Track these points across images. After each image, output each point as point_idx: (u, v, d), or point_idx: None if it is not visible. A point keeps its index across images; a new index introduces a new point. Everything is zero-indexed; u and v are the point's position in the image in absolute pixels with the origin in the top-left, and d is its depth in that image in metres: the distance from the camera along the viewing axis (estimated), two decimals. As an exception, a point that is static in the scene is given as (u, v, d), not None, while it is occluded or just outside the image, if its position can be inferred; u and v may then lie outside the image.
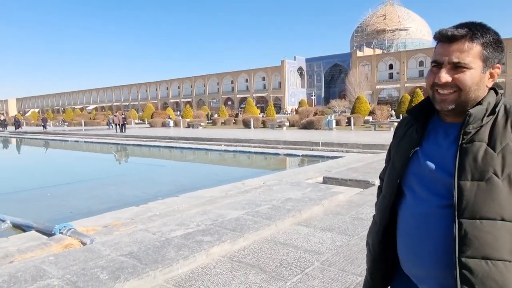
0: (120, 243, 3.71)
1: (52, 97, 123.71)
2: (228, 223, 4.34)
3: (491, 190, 0.97)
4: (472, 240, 0.96)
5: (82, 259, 3.28)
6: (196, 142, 18.54)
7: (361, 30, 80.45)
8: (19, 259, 3.67)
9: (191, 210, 5.32)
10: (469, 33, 1.03)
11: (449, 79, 1.04)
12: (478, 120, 1.02)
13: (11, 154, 22.31)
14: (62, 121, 52.78)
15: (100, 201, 7.63)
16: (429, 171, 1.09)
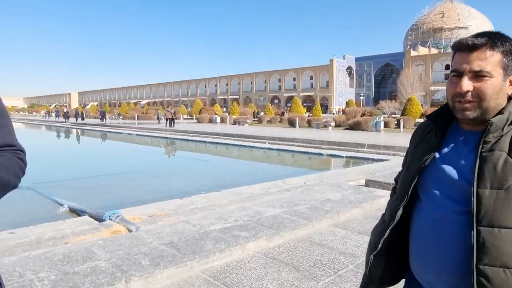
0: (162, 232, 3.92)
1: (110, 91, 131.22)
2: (266, 220, 4.41)
3: (510, 199, 0.97)
4: (490, 248, 0.97)
5: (127, 245, 3.52)
6: (240, 139, 18.84)
7: (416, 28, 76.85)
8: (73, 241, 4.02)
9: (231, 206, 5.47)
10: (489, 41, 1.03)
11: (471, 87, 1.04)
12: (499, 129, 1.02)
13: (71, 144, 24.07)
14: (118, 114, 55.90)
15: (147, 192, 8.05)
16: (447, 177, 1.09)
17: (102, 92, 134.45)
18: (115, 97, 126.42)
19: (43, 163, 13.29)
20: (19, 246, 3.87)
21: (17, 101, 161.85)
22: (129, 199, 7.18)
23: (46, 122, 47.41)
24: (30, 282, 2.73)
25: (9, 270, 2.95)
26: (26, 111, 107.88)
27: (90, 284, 2.69)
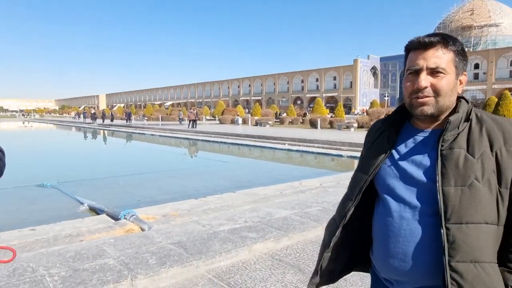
0: (172, 232, 3.99)
1: (136, 93, 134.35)
2: (275, 221, 4.41)
3: (474, 194, 1.00)
4: (461, 244, 0.99)
5: (137, 244, 3.60)
6: (261, 140, 18.87)
7: (443, 27, 74.57)
8: (88, 238, 4.15)
9: (243, 207, 5.50)
10: (442, 40, 1.07)
11: (429, 83, 1.07)
12: (455, 127, 1.07)
13: (96, 144, 24.80)
14: (142, 115, 57.13)
15: (165, 192, 8.21)
16: (410, 177, 1.11)
17: (129, 94, 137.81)
18: (141, 98, 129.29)
19: (68, 163, 13.79)
20: (38, 242, 4.03)
21: (49, 103, 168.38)
22: (148, 199, 7.34)
23: (74, 123, 49.07)
24: (41, 277, 2.85)
25: (24, 265, 3.08)
26: (57, 112, 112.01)
27: (97, 281, 2.78)
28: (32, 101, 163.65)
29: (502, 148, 1.03)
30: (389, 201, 1.14)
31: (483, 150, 1.03)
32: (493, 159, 1.02)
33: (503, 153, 1.02)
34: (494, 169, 1.02)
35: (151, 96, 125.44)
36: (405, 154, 1.14)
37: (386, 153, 1.17)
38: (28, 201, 7.60)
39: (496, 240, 1.03)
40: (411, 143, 1.15)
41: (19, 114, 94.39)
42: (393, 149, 1.17)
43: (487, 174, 1.01)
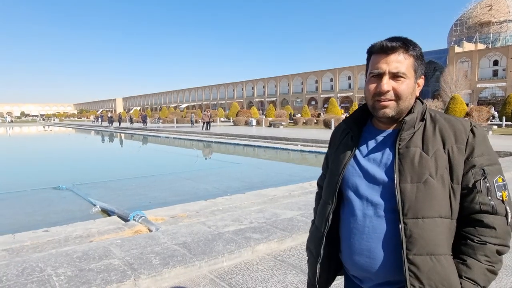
0: (178, 233, 4.05)
1: (152, 96, 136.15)
2: (280, 222, 4.43)
3: (429, 190, 1.06)
4: (417, 238, 1.04)
5: (143, 244, 3.68)
6: (274, 141, 18.88)
7: (461, 23, 72.95)
8: (97, 239, 4.25)
9: (251, 208, 5.53)
10: (403, 45, 1.11)
11: (391, 87, 1.10)
12: (411, 127, 1.11)
13: (112, 147, 25.25)
14: (158, 118, 57.90)
15: (176, 193, 8.31)
16: (371, 176, 1.15)
17: (145, 97, 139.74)
18: (157, 101, 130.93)
19: (84, 166, 14.11)
20: (49, 243, 4.16)
21: (68, 107, 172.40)
22: (159, 200, 7.46)
23: (91, 126, 50.06)
24: (48, 277, 2.94)
25: (33, 265, 3.19)
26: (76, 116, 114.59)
27: (101, 281, 2.85)
28: (52, 105, 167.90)
29: (453, 146, 1.08)
30: (353, 199, 1.18)
31: (436, 148, 1.08)
32: (445, 157, 1.08)
33: (454, 151, 1.08)
34: (447, 166, 1.07)
35: (166, 99, 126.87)
36: (367, 153, 1.18)
37: (351, 153, 1.21)
38: (44, 203, 7.82)
39: (450, 233, 1.08)
40: (372, 143, 1.19)
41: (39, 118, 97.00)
42: (356, 149, 1.21)
43: (440, 170, 1.07)
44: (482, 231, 1.05)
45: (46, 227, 4.95)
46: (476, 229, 1.06)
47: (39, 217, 6.58)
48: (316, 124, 34.10)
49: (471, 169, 1.08)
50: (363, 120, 1.25)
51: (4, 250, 3.85)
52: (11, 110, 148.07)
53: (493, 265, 1.05)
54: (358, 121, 1.25)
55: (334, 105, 42.63)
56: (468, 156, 1.08)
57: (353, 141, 1.22)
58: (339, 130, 1.33)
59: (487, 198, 1.05)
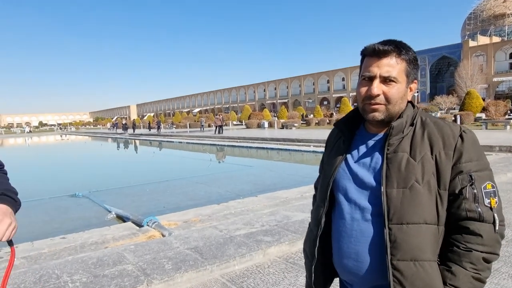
0: (190, 237, 4.10)
1: (165, 102, 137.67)
2: (292, 225, 4.43)
3: (414, 196, 1.05)
4: (401, 244, 1.04)
5: (156, 250, 3.73)
6: (286, 143, 18.87)
7: (474, 17, 71.56)
8: (112, 245, 4.33)
9: (262, 211, 5.54)
10: (396, 49, 1.10)
11: (381, 91, 1.10)
12: (399, 132, 1.11)
13: (127, 154, 25.62)
14: (171, 123, 58.46)
15: (190, 198, 8.39)
16: (360, 179, 1.15)
17: (158, 103, 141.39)
18: (170, 107, 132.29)
19: (99, 173, 14.37)
20: (66, 250, 4.26)
21: (84, 115, 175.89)
22: (173, 205, 7.54)
23: (106, 134, 50.89)
24: (64, 284, 3.02)
25: (49, 272, 3.27)
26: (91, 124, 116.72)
27: (115, 287, 2.91)
28: (69, 114, 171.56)
29: (441, 151, 1.07)
30: (343, 202, 1.18)
31: (424, 153, 1.07)
32: (433, 162, 1.07)
33: (442, 157, 1.07)
34: (434, 171, 1.06)
35: (179, 104, 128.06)
36: (358, 157, 1.19)
37: (342, 156, 1.22)
38: (61, 210, 8.00)
39: (436, 239, 1.07)
40: (363, 147, 1.19)
41: (57, 127, 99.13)
42: (348, 153, 1.22)
43: (427, 176, 1.06)
44: (468, 238, 1.04)
45: (63, 234, 5.07)
46: (462, 236, 1.05)
47: (57, 225, 6.74)
48: (329, 124, 33.92)
49: (458, 175, 1.06)
50: (356, 123, 1.25)
51: (23, 257, 3.96)
52: (29, 120, 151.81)
53: (479, 273, 1.03)
54: (351, 124, 1.25)
55: (347, 105, 42.39)
56: (456, 162, 1.07)
57: (344, 145, 1.23)
58: (334, 133, 1.35)
59: (474, 205, 1.04)
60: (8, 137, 61.25)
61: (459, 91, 47.86)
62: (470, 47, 61.78)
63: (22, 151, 33.53)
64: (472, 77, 50.04)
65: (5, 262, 3.79)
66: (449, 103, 40.39)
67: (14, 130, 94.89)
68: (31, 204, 8.22)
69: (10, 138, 57.71)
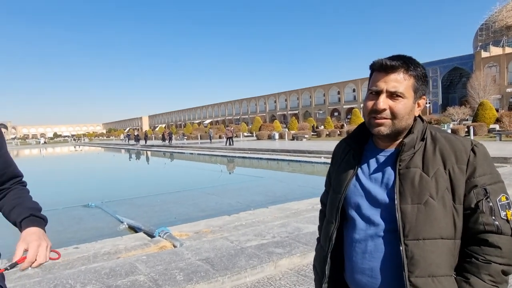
0: (201, 248, 4.12)
1: (176, 113, 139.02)
2: (303, 236, 4.41)
3: (429, 211, 1.05)
4: (419, 260, 1.04)
5: (167, 260, 3.75)
6: (296, 155, 18.82)
7: (486, 28, 71.06)
8: (124, 255, 4.37)
9: (273, 222, 5.54)
10: (404, 65, 1.10)
11: (387, 106, 1.11)
12: (411, 147, 1.11)
13: (138, 165, 25.88)
14: (182, 134, 58.89)
15: (201, 209, 8.41)
16: (372, 196, 1.15)
17: (169, 115, 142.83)
18: (181, 118, 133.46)
19: (112, 183, 14.53)
20: (79, 260, 4.31)
21: (97, 127, 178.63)
22: (184, 216, 7.58)
23: (118, 145, 51.47)
24: (78, 293, 3.06)
25: (63, 282, 3.32)
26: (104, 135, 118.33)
27: (127, 296, 2.94)
28: (82, 125, 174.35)
29: (454, 166, 1.08)
30: (356, 219, 1.18)
31: (436, 168, 1.08)
32: (446, 177, 1.07)
33: (455, 171, 1.07)
34: (448, 186, 1.07)
35: (190, 115, 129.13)
36: (369, 173, 1.19)
37: (353, 172, 1.22)
38: (75, 220, 8.09)
39: (452, 254, 1.07)
40: (373, 162, 1.19)
41: (71, 139, 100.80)
42: (358, 168, 1.22)
43: (441, 191, 1.06)
44: (486, 250, 1.04)
45: (77, 244, 5.13)
46: (481, 248, 1.05)
47: (70, 234, 6.81)
48: (340, 136, 33.76)
49: (473, 189, 1.06)
50: (364, 138, 1.25)
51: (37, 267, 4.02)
52: (44, 131, 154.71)
53: (497, 285, 1.03)
54: (359, 139, 1.25)
55: (358, 116, 42.15)
56: (470, 176, 1.07)
57: (354, 160, 1.23)
58: (341, 148, 1.34)
59: (491, 218, 1.04)
60: (24, 148, 62.43)
61: (471, 102, 47.28)
62: (483, 58, 61.22)
63: (37, 161, 34.12)
64: (485, 88, 49.45)
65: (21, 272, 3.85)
66: (461, 114, 39.87)
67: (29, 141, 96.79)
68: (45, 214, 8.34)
69: (25, 149, 58.81)
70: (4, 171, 1.33)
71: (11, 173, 1.36)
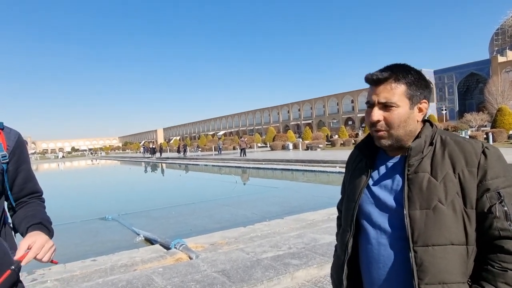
0: (217, 260, 4.10)
1: (190, 125, 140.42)
2: (320, 247, 4.36)
3: (438, 217, 1.03)
4: (428, 266, 1.02)
5: (183, 272, 3.75)
6: (311, 164, 18.72)
7: (502, 32, 69.93)
8: (140, 268, 4.39)
9: (289, 233, 5.49)
10: (392, 75, 1.10)
11: (381, 117, 1.11)
12: (419, 152, 1.10)
13: (154, 177, 26.13)
14: (197, 146, 59.37)
15: (216, 221, 8.40)
16: (382, 203, 1.14)
17: (184, 127, 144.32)
18: (195, 130, 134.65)
19: (128, 196, 14.69)
20: (96, 272, 4.34)
21: (114, 140, 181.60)
22: (199, 228, 7.58)
23: (134, 158, 52.16)
24: (95, 305, 3.07)
25: (81, 294, 3.34)
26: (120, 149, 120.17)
27: (144, 309, 2.94)
28: (99, 139, 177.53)
29: (464, 169, 1.05)
30: (368, 227, 1.17)
31: (445, 172, 1.05)
32: (456, 181, 1.04)
33: (465, 175, 1.04)
34: (458, 190, 1.04)
35: (204, 127, 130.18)
36: (379, 180, 1.18)
37: (365, 179, 1.21)
38: (92, 233, 8.18)
39: (464, 260, 1.04)
40: (383, 169, 1.19)
41: (88, 152, 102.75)
42: (370, 175, 1.21)
43: (450, 196, 1.03)
44: (502, 258, 1.00)
45: (94, 256, 5.18)
46: (496, 255, 1.01)
47: (88, 247, 6.89)
48: (355, 145, 33.49)
49: (485, 193, 1.03)
50: (376, 146, 1.24)
51: (56, 280, 4.07)
52: (62, 146, 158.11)
53: None
54: (371, 147, 1.24)
55: (372, 124, 41.76)
56: (481, 180, 1.04)
57: (366, 168, 1.22)
58: (354, 155, 1.34)
59: (506, 223, 1.00)
60: (43, 162, 63.87)
61: (489, 108, 46.32)
62: (499, 62, 60.16)
63: (55, 175, 34.84)
64: (503, 93, 48.42)
65: (40, 284, 3.90)
66: (479, 120, 39.11)
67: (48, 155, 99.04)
68: (64, 227, 8.47)
69: (44, 163, 60.15)
70: (24, 186, 1.36)
71: (30, 188, 1.39)
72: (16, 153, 1.32)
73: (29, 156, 1.45)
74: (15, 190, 1.34)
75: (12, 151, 1.31)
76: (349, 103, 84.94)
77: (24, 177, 1.36)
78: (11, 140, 1.32)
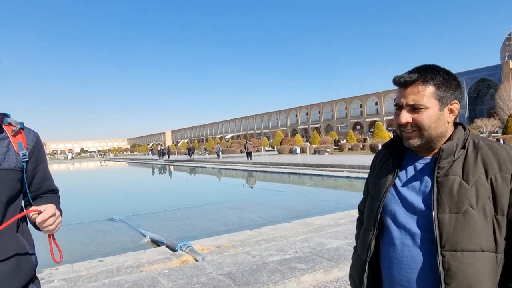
0: (223, 263, 4.09)
1: (198, 128, 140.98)
2: (326, 252, 4.32)
3: (468, 222, 1.00)
4: (456, 272, 0.99)
5: (189, 275, 3.75)
6: (318, 169, 18.64)
7: (514, 37, 69.23)
8: (146, 269, 4.40)
9: (296, 237, 5.46)
10: (420, 77, 1.09)
11: (410, 119, 1.10)
12: (450, 155, 1.08)
13: (162, 179, 26.25)
14: (204, 149, 59.55)
15: (222, 223, 8.40)
16: (410, 204, 1.12)
17: (192, 129, 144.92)
18: (203, 133, 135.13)
19: (135, 198, 14.77)
20: (103, 273, 4.37)
21: (122, 142, 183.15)
22: (206, 230, 7.58)
23: (142, 160, 52.48)
24: (101, 306, 3.09)
25: (88, 294, 3.36)
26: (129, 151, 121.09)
27: (149, 310, 2.94)
28: (108, 141, 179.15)
29: (497, 175, 1.03)
30: (392, 228, 1.15)
31: (477, 177, 1.03)
32: (488, 186, 1.02)
33: (498, 180, 1.02)
34: (490, 196, 1.02)
35: (212, 130, 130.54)
36: (406, 181, 1.16)
37: (392, 179, 1.19)
38: (100, 234, 8.24)
39: (494, 268, 1.01)
40: (411, 170, 1.17)
41: (96, 154, 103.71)
42: (396, 175, 1.19)
43: (482, 201, 1.01)
44: None
45: (101, 257, 5.22)
46: None
47: (95, 248, 6.93)
48: (363, 149, 33.26)
49: None
50: (404, 146, 1.22)
51: (63, 279, 4.10)
52: (72, 147, 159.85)
53: None
54: (399, 147, 1.22)
55: (381, 129, 41.50)
56: None
57: (393, 167, 1.20)
58: (380, 154, 1.33)
59: None
60: (53, 163, 64.58)
61: (500, 114, 45.74)
62: (511, 68, 59.41)
63: (65, 176, 35.18)
64: (515, 99, 47.79)
65: (47, 283, 3.93)
66: (490, 126, 38.65)
67: (57, 156, 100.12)
68: (72, 227, 8.55)
69: (54, 164, 60.83)
70: (41, 184, 1.41)
71: (48, 186, 1.44)
72: (34, 153, 1.37)
73: (46, 155, 1.50)
74: (33, 188, 1.38)
75: (31, 151, 1.36)
76: (357, 108, 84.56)
77: (41, 176, 1.41)
78: (31, 140, 1.37)
